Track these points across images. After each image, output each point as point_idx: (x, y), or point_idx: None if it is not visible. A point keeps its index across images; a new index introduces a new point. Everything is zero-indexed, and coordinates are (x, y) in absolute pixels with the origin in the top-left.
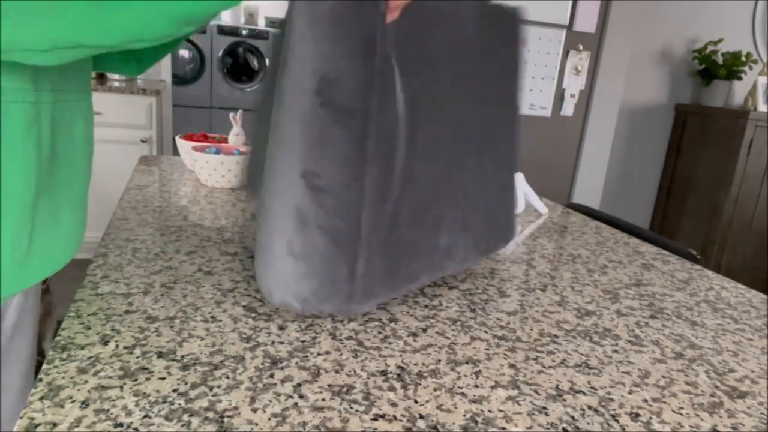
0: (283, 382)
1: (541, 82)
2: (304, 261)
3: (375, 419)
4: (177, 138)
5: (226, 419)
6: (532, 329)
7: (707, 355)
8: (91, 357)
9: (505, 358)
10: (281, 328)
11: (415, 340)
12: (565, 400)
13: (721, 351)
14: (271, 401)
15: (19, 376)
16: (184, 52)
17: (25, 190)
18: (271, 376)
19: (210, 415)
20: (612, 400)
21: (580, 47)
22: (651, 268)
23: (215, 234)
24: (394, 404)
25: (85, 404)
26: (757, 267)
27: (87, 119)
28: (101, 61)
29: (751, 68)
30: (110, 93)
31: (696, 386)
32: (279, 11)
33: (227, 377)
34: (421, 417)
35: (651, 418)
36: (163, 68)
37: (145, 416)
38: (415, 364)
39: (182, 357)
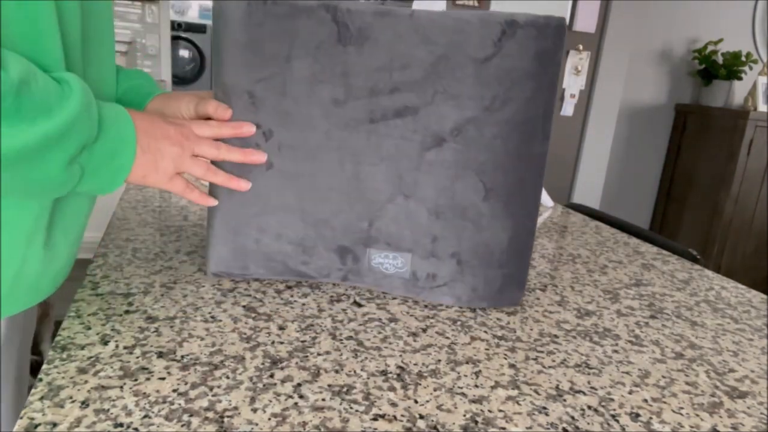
0: (283, 382)
1: None
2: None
3: (375, 419)
4: None
5: (226, 419)
6: (532, 329)
7: (707, 355)
8: (91, 357)
9: (505, 358)
10: (281, 328)
11: (415, 340)
12: (565, 400)
13: (721, 351)
14: (271, 401)
15: (14, 382)
16: (184, 52)
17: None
18: (271, 376)
19: (210, 415)
20: (612, 400)
21: (580, 47)
22: (651, 268)
23: None
24: (394, 404)
25: (85, 404)
26: (757, 267)
27: None
28: None
29: (751, 68)
30: None
31: (696, 386)
32: None
33: (227, 377)
34: (421, 417)
35: (651, 418)
36: (164, 68)
37: (145, 416)
38: (415, 364)
39: (182, 357)
